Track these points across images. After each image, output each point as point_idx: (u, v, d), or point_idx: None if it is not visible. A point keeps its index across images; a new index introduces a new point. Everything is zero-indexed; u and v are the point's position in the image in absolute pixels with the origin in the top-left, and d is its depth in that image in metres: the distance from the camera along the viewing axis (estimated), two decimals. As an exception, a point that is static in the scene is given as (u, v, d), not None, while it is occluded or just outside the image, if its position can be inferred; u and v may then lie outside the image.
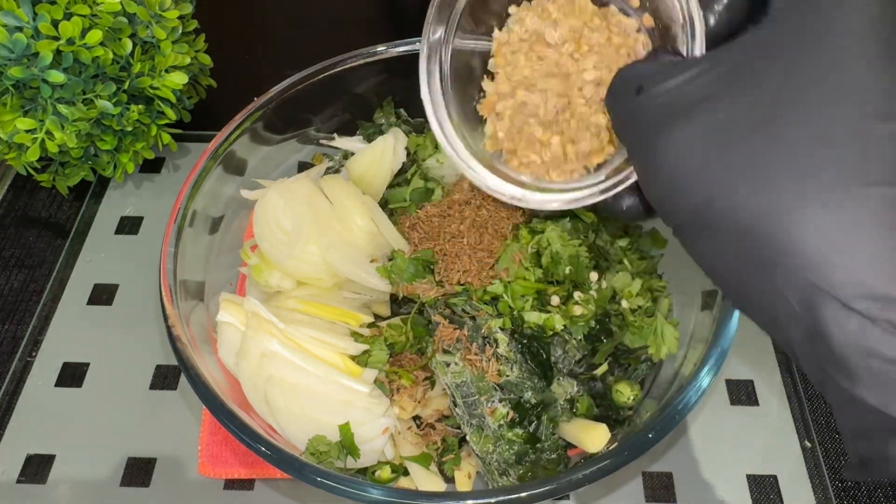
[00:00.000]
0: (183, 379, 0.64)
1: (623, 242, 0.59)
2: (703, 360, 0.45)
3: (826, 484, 0.60)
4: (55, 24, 0.62)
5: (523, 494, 0.41)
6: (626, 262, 0.57)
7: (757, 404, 0.64)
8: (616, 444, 0.48)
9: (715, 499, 0.59)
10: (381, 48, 0.65)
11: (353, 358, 0.51)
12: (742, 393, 0.65)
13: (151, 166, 0.80)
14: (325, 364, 0.49)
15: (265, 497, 0.58)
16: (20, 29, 0.61)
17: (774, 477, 0.60)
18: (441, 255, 0.53)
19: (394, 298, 0.60)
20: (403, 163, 0.62)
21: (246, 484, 0.59)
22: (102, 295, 0.71)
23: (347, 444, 0.47)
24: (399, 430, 0.50)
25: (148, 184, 0.79)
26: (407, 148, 0.63)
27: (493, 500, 0.42)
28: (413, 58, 0.47)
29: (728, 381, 0.66)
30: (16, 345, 0.67)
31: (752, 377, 0.66)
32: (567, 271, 0.53)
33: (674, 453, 0.61)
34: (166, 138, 0.74)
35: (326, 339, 0.50)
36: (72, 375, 0.65)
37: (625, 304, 0.54)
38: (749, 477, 0.60)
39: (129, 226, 0.76)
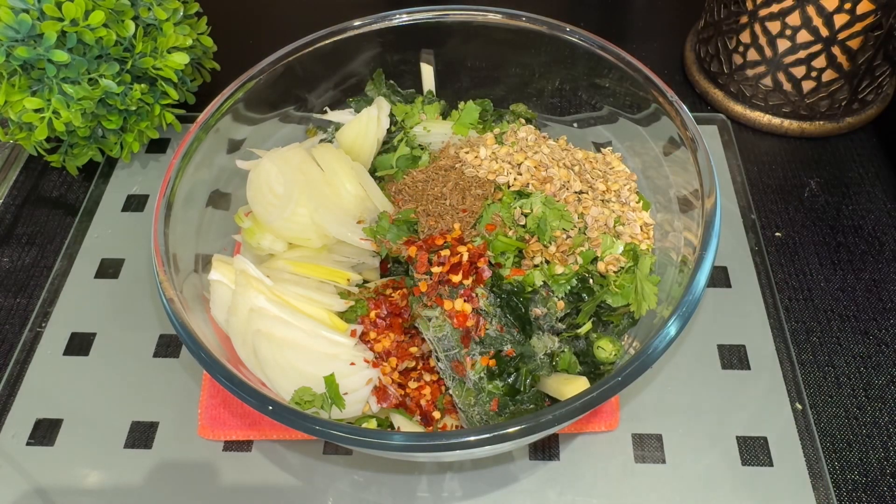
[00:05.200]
0: (185, 348, 0.66)
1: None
2: (673, 310, 0.46)
3: (816, 445, 0.60)
4: (59, 5, 0.64)
5: (511, 430, 0.42)
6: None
7: (749, 368, 0.64)
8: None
9: (704, 459, 0.59)
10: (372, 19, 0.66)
11: (340, 314, 0.53)
12: (734, 357, 0.65)
13: (157, 147, 0.83)
14: (312, 319, 0.50)
15: (263, 457, 0.60)
16: (26, 11, 0.64)
17: (765, 438, 0.60)
18: (424, 216, 0.54)
19: (383, 268, 0.62)
20: (391, 131, 0.64)
21: (244, 445, 0.61)
22: (109, 269, 0.73)
23: (332, 395, 0.49)
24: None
25: (153, 163, 0.82)
26: (394, 116, 0.64)
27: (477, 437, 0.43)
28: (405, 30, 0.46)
29: (720, 346, 0.66)
30: (27, 316, 0.70)
31: (744, 342, 0.66)
32: (557, 233, 0.54)
33: (664, 416, 0.62)
34: (169, 118, 0.77)
35: (313, 297, 0.52)
36: (79, 345, 0.68)
37: (601, 266, 0.54)
38: (739, 438, 0.60)
39: (135, 203, 0.78)
